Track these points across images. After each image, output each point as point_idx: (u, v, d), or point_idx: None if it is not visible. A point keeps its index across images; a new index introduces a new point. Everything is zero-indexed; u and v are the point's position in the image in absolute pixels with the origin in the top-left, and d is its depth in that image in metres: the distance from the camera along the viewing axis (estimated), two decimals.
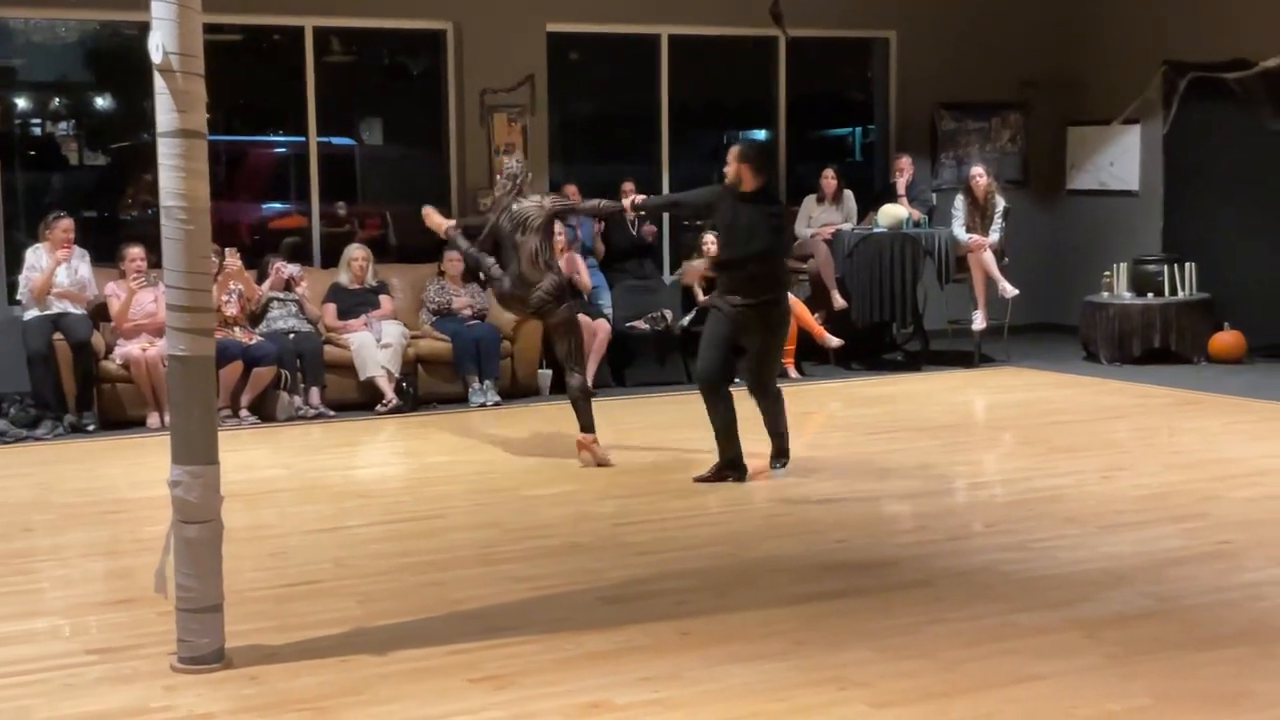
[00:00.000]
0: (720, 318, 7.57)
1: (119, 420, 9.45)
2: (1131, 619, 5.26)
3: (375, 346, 9.98)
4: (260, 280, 10.19)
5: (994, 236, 11.72)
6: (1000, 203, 11.86)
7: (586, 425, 8.15)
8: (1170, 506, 7.01)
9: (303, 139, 11.51)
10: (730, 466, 7.68)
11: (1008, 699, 4.47)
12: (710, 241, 11.14)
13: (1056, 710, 4.38)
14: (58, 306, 9.52)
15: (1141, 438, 8.95)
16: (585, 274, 10.98)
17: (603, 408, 9.76)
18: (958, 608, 5.41)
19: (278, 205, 12.35)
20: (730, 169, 7.56)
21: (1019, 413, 9.86)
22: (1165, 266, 11.82)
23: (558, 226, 11.06)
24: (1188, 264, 11.82)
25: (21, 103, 11.56)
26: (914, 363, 11.77)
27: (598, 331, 10.60)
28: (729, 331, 7.57)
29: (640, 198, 8.68)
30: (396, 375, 9.98)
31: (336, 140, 12.14)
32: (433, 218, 8.76)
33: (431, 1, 11.50)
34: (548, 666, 4.80)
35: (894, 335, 12.21)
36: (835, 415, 10.13)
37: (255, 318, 10.05)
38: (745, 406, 7.75)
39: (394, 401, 9.86)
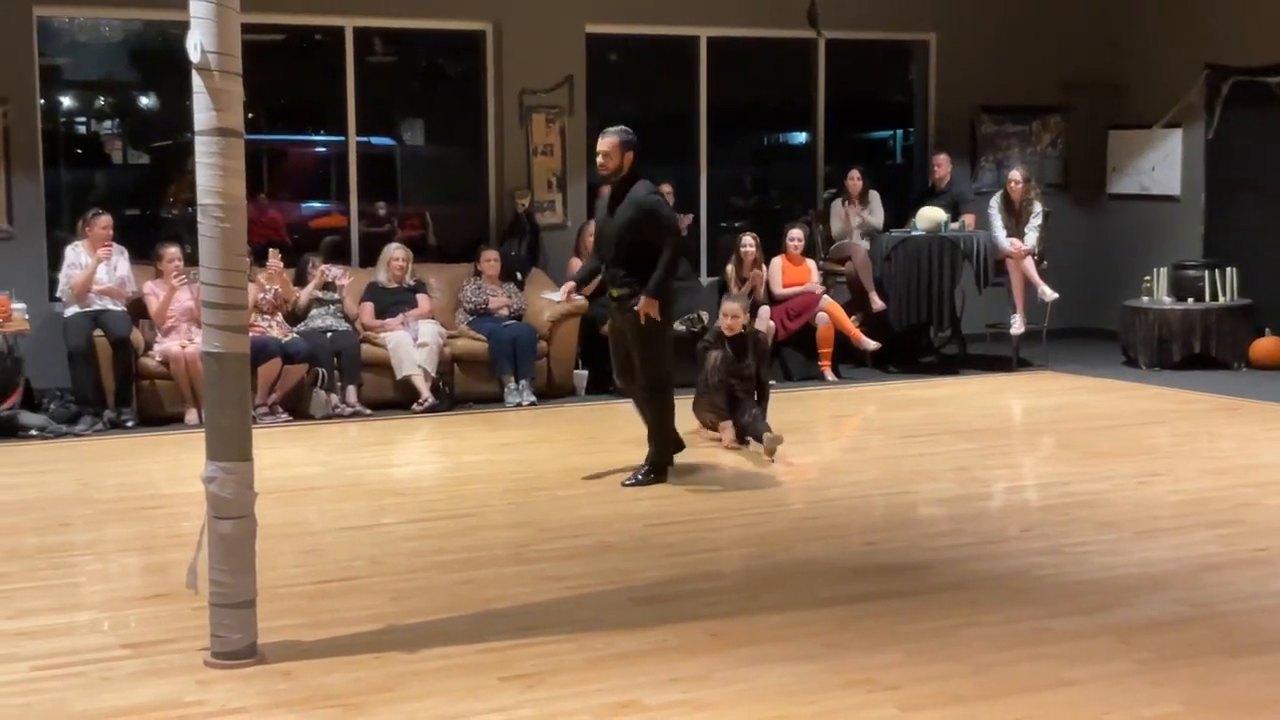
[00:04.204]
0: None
1: (158, 416, 9.52)
2: (1166, 625, 5.23)
3: (412, 345, 10.02)
4: (299, 280, 10.24)
5: (1030, 238, 11.66)
6: (1039, 207, 11.80)
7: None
8: (1207, 512, 6.96)
9: (342, 139, 11.57)
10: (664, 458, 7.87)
11: (1039, 704, 4.45)
12: (749, 243, 11.15)
13: (1088, 716, 4.36)
14: (98, 303, 9.61)
15: (1180, 443, 8.89)
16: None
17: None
18: (991, 611, 5.39)
19: (317, 204, 12.40)
20: (616, 158, 7.63)
21: (1056, 417, 9.81)
22: (1206, 271, 11.74)
23: (591, 226, 11.11)
24: (1229, 269, 11.73)
25: (66, 101, 11.66)
26: (951, 366, 11.72)
27: None
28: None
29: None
30: (433, 374, 10.02)
31: (376, 140, 12.19)
32: None
33: (471, 2, 11.54)
34: (579, 666, 4.81)
35: (932, 338, 12.17)
36: (871, 418, 10.10)
37: (295, 318, 10.10)
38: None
39: (430, 400, 9.89)
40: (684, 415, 8.32)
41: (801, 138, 13.63)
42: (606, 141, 7.60)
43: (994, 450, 8.71)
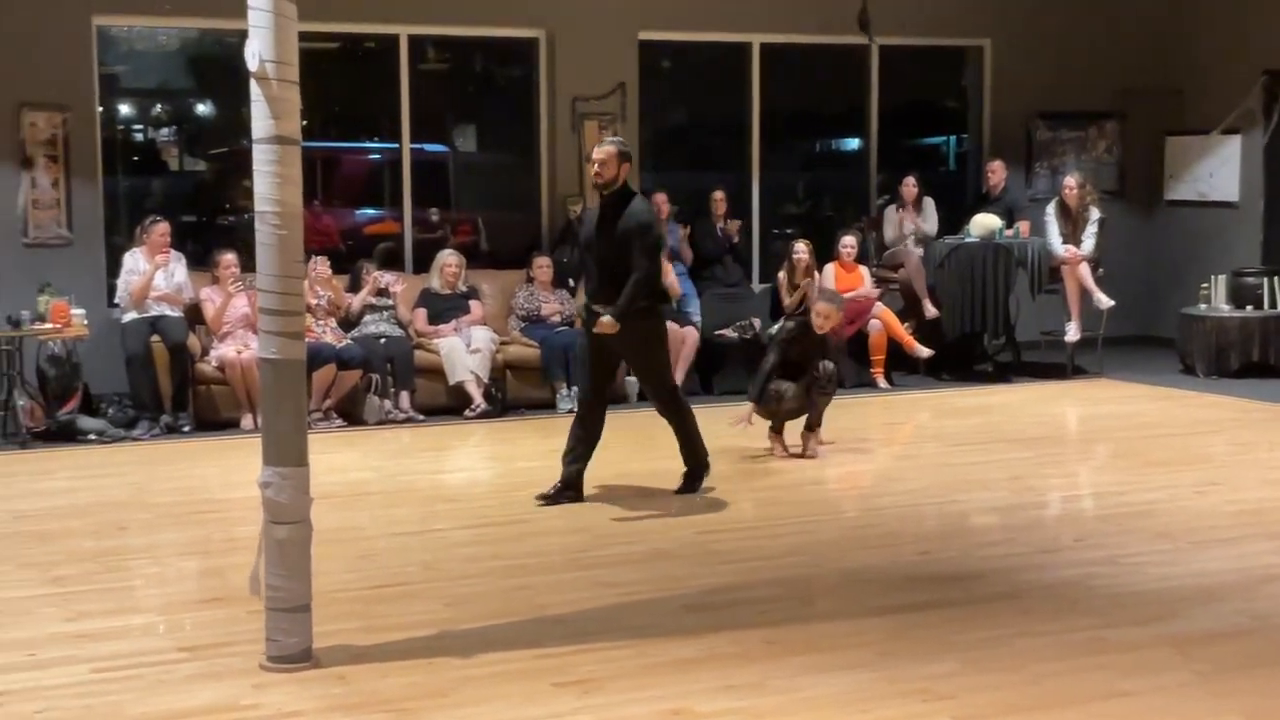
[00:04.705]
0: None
1: (213, 421, 9.60)
2: (1223, 636, 5.17)
3: (464, 352, 10.06)
4: (353, 286, 10.30)
5: (1087, 245, 11.58)
6: (1095, 213, 11.72)
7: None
8: (1266, 523, 6.87)
9: (396, 146, 11.64)
10: (568, 486, 7.46)
11: (1095, 715, 4.41)
12: (802, 250, 11.13)
13: None
14: (155, 309, 9.70)
15: (1238, 453, 8.79)
16: (675, 280, 10.98)
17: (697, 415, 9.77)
18: (1046, 621, 5.35)
19: (371, 211, 12.48)
20: (613, 169, 7.31)
21: (1112, 425, 9.72)
22: (1265, 279, 11.61)
23: None
24: None
25: (124, 109, 11.79)
26: (1005, 374, 11.65)
27: (685, 339, 10.61)
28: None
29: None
30: (485, 380, 10.05)
31: (430, 147, 12.25)
32: None
33: (525, 10, 11.58)
34: (634, 672, 4.81)
35: (985, 346, 12.10)
36: (924, 426, 10.06)
37: (349, 324, 10.17)
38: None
39: (482, 406, 9.92)
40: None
41: (854, 144, 13.59)
42: (604, 151, 7.35)
43: (1048, 459, 8.65)
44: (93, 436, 9.18)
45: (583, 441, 7.52)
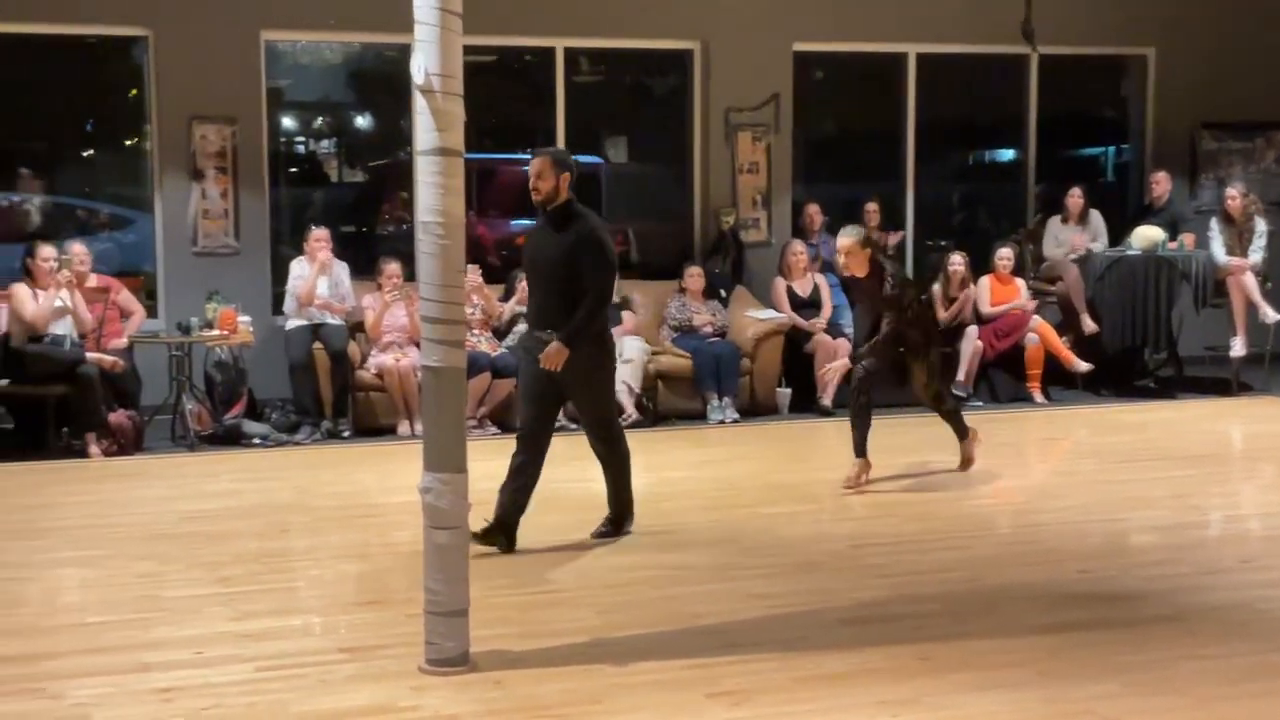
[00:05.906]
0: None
1: (372, 428, 9.79)
2: None
3: (617, 362, 10.10)
4: (507, 296, 10.43)
5: (1255, 257, 11.26)
6: (1262, 225, 11.39)
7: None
8: None
9: None
10: (499, 529, 6.66)
11: None
12: (958, 262, 10.99)
13: None
14: (318, 317, 9.93)
15: None
16: (828, 293, 10.94)
17: (845, 429, 9.71)
18: (1211, 644, 5.21)
19: (526, 222, 12.60)
20: (550, 181, 6.51)
21: None
22: None
23: (799, 245, 11.10)
24: None
25: (287, 122, 12.09)
26: (1167, 390, 11.38)
27: (838, 351, 10.54)
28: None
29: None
30: (637, 390, 10.09)
31: (583, 158, 12.32)
32: None
33: (680, 21, 11.63)
34: (785, 685, 4.79)
35: (1146, 361, 11.83)
36: (1083, 442, 9.86)
37: (500, 332, 10.29)
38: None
39: (634, 416, 9.96)
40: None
41: (1010, 155, 13.40)
42: (538, 163, 6.53)
43: (1212, 477, 8.43)
44: (257, 440, 9.43)
45: (522, 491, 6.78)
